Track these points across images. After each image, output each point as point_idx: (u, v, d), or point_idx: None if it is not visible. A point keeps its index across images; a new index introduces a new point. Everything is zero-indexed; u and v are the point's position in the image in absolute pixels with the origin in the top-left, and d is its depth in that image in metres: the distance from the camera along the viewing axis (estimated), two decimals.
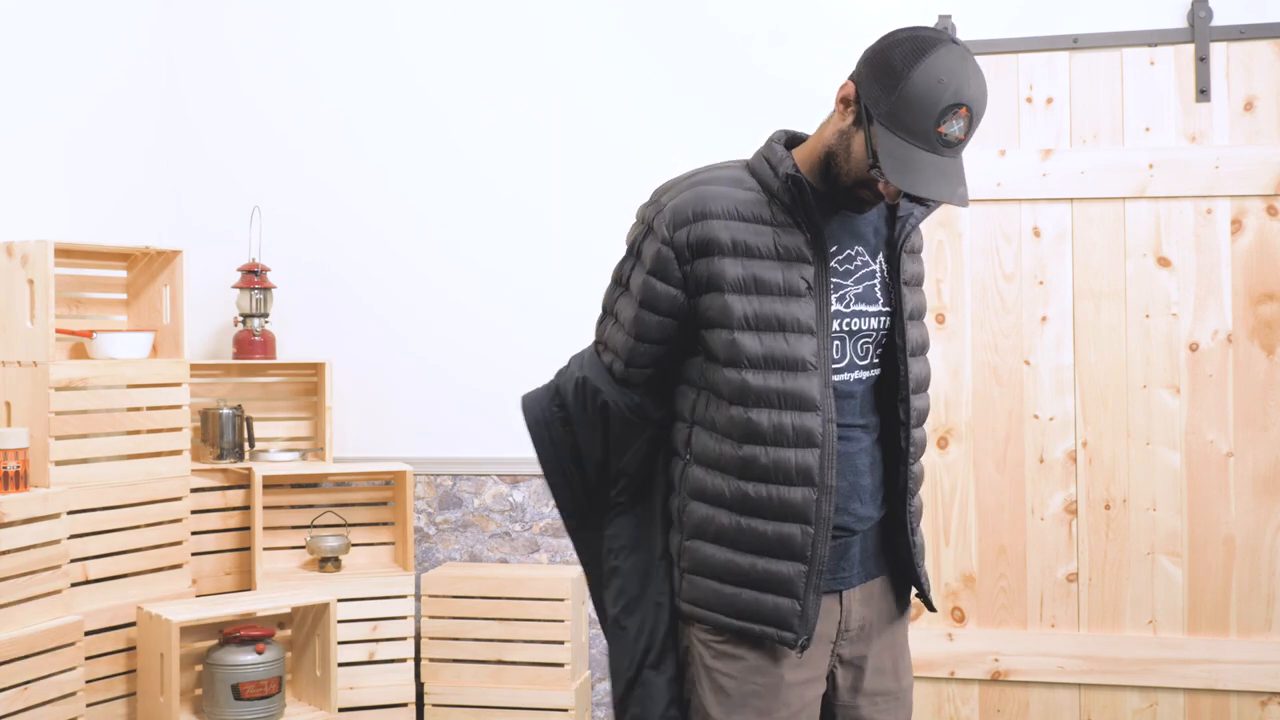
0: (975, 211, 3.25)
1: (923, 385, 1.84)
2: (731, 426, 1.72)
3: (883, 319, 1.79)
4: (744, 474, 1.71)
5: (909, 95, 1.58)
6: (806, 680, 1.76)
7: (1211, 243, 3.15)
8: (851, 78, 1.68)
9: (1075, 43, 3.22)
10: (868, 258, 1.78)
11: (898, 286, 1.79)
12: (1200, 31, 3.15)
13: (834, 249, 1.75)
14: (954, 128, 1.59)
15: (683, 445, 1.80)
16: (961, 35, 3.27)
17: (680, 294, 1.73)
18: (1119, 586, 3.17)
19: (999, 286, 3.25)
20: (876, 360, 1.81)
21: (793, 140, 1.82)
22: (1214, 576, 3.13)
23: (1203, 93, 3.15)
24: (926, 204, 1.80)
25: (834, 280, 1.74)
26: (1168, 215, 3.17)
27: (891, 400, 1.82)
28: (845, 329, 1.75)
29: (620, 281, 1.82)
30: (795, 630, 1.70)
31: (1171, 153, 3.15)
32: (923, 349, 1.85)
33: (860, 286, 1.76)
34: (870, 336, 1.78)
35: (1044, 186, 3.21)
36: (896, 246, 1.80)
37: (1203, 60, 3.15)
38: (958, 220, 3.26)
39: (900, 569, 1.86)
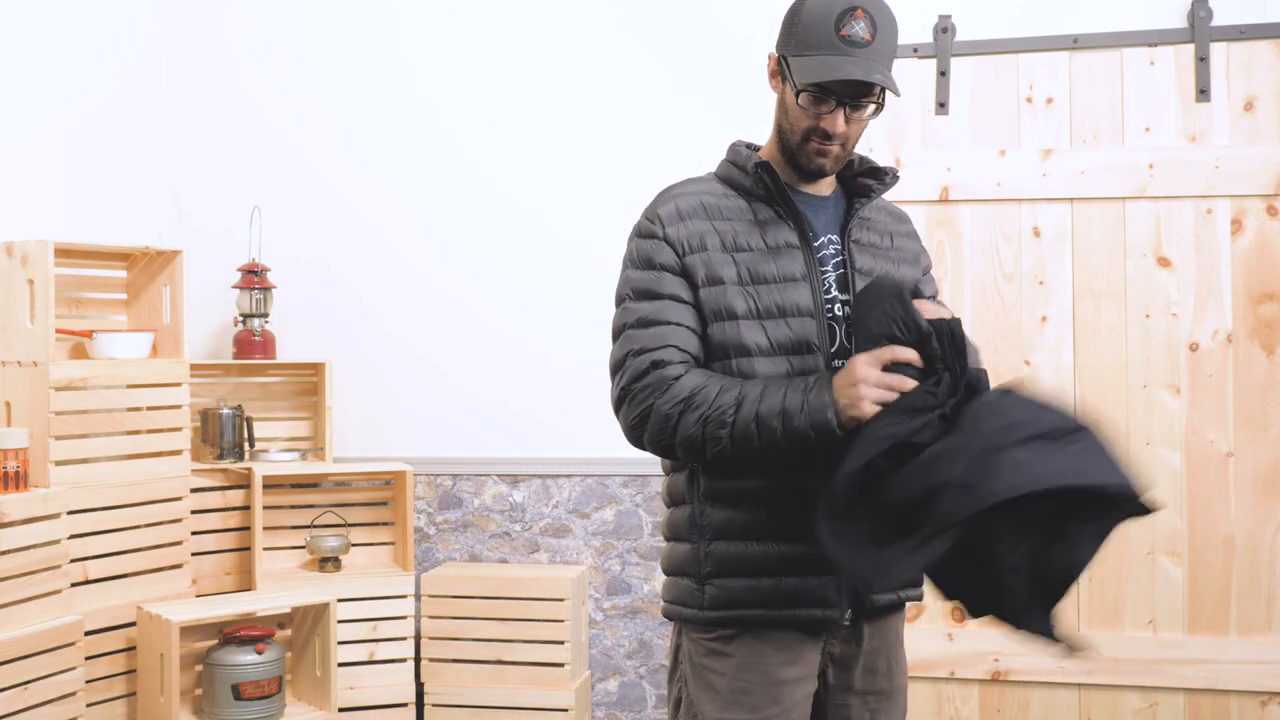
0: (975, 211, 3.25)
1: None
2: None
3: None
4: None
5: (807, 17, 1.69)
6: (798, 679, 1.76)
7: (1211, 243, 3.15)
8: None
9: (1075, 43, 3.22)
10: (840, 246, 1.81)
11: (852, 274, 1.79)
12: (1200, 31, 3.15)
13: (810, 235, 1.78)
14: (856, 28, 1.67)
15: None
16: (961, 35, 3.27)
17: (681, 280, 1.74)
18: (1119, 586, 3.17)
19: (999, 286, 3.25)
20: None
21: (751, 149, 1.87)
22: (1214, 576, 3.13)
23: (1203, 93, 3.15)
24: (883, 180, 1.83)
25: (819, 268, 1.77)
26: (1168, 215, 3.17)
27: None
28: (832, 315, 1.76)
29: (621, 300, 1.79)
30: (837, 605, 1.73)
31: (1171, 153, 3.15)
32: None
33: (835, 274, 1.79)
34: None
35: (1044, 186, 3.21)
36: (846, 232, 1.81)
37: (1203, 60, 3.15)
38: (958, 220, 3.26)
39: None
